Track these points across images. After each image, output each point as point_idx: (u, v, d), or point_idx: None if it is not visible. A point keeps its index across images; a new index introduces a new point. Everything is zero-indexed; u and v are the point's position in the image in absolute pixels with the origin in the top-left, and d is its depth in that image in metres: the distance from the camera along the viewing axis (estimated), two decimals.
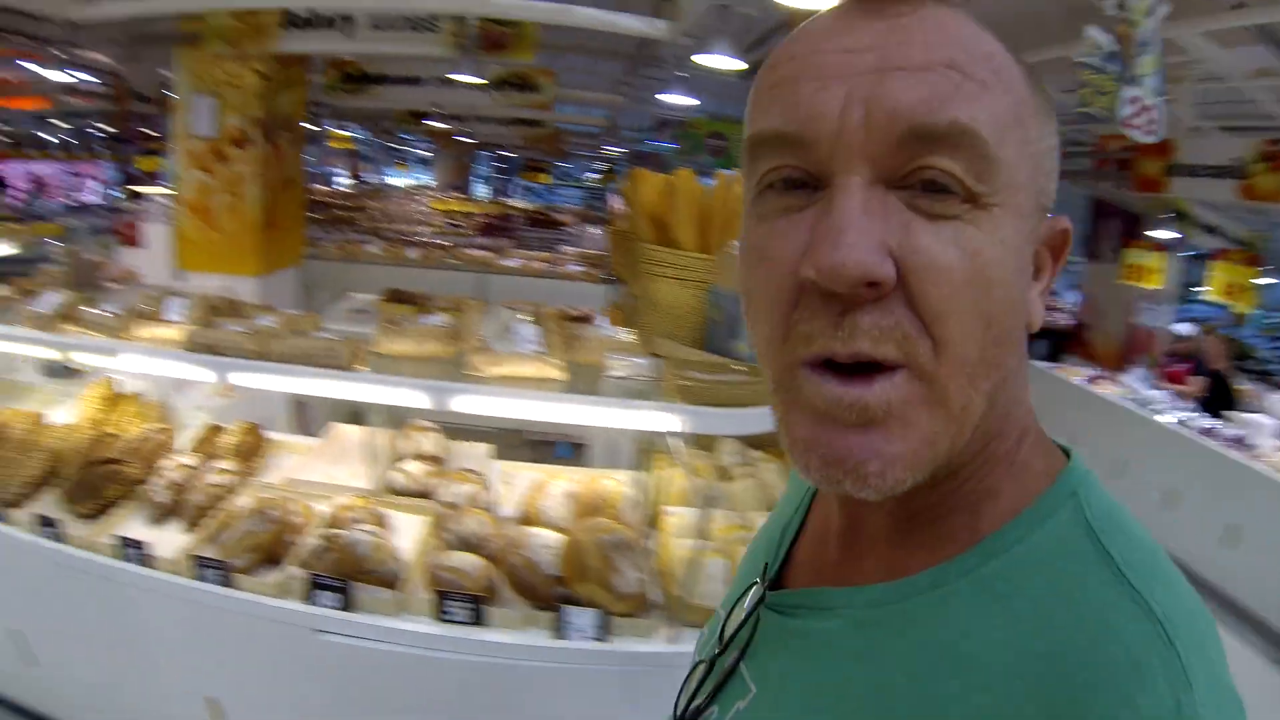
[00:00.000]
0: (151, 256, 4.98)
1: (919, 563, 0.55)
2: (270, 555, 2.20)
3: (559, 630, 2.00)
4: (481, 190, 19.58)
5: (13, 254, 5.16)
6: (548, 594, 2.06)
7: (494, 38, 4.68)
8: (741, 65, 4.03)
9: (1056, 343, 8.42)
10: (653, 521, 2.54)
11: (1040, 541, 0.52)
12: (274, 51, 4.71)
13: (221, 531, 2.25)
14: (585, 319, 4.70)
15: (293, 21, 4.61)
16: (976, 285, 0.48)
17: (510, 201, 12.30)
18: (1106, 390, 6.19)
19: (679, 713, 0.71)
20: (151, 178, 10.56)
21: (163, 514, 2.40)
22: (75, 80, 7.62)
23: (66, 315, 2.63)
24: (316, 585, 2.04)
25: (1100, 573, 0.49)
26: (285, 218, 5.25)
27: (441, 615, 2.01)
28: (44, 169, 13.67)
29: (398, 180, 19.14)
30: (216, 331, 2.39)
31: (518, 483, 2.74)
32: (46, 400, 3.26)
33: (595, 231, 10.42)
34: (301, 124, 5.42)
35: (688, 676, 0.72)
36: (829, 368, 0.49)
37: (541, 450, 4.71)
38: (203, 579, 2.11)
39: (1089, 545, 0.50)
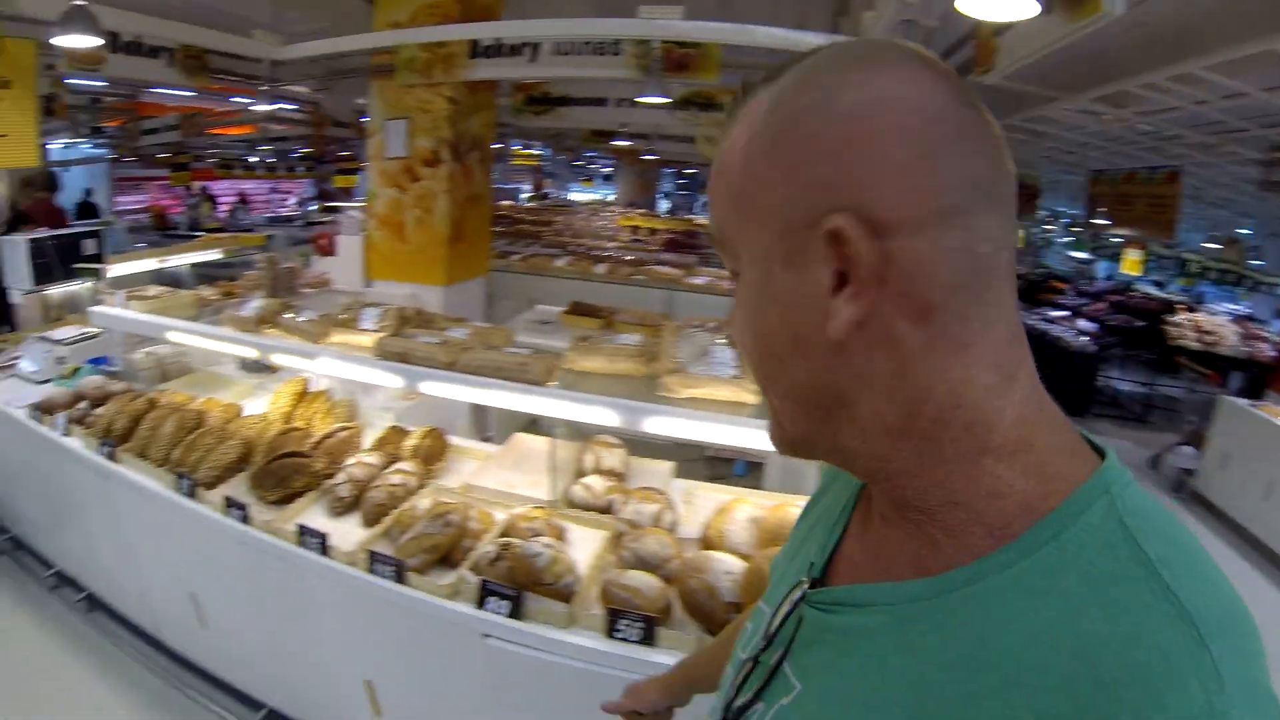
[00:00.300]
0: (343, 265, 5.37)
1: (940, 561, 0.58)
2: (445, 557, 2.27)
3: None
4: (663, 206, 19.86)
5: (220, 260, 5.62)
6: (724, 620, 2.00)
7: (677, 59, 4.70)
8: None
9: (1257, 376, 7.17)
10: None
11: (1073, 538, 0.53)
12: (462, 79, 4.93)
13: (398, 530, 2.36)
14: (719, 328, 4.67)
15: (481, 51, 4.80)
16: (738, 329, 0.65)
17: (695, 219, 12.26)
18: None
19: (725, 711, 0.76)
20: (345, 194, 11.40)
21: (343, 508, 2.55)
22: (278, 109, 8.26)
23: (264, 319, 2.83)
24: (489, 592, 2.07)
25: (1134, 571, 0.50)
26: (471, 232, 5.47)
27: (613, 633, 1.99)
28: (248, 186, 15.07)
29: (580, 196, 19.86)
30: (408, 341, 2.50)
31: (698, 503, 2.70)
32: (243, 393, 3.58)
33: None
34: (489, 144, 5.62)
35: (735, 674, 0.77)
36: None
37: (719, 467, 4.69)
38: (376, 573, 2.21)
39: (1123, 543, 0.51)
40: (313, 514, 2.55)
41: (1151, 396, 8.78)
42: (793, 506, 2.49)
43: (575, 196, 19.53)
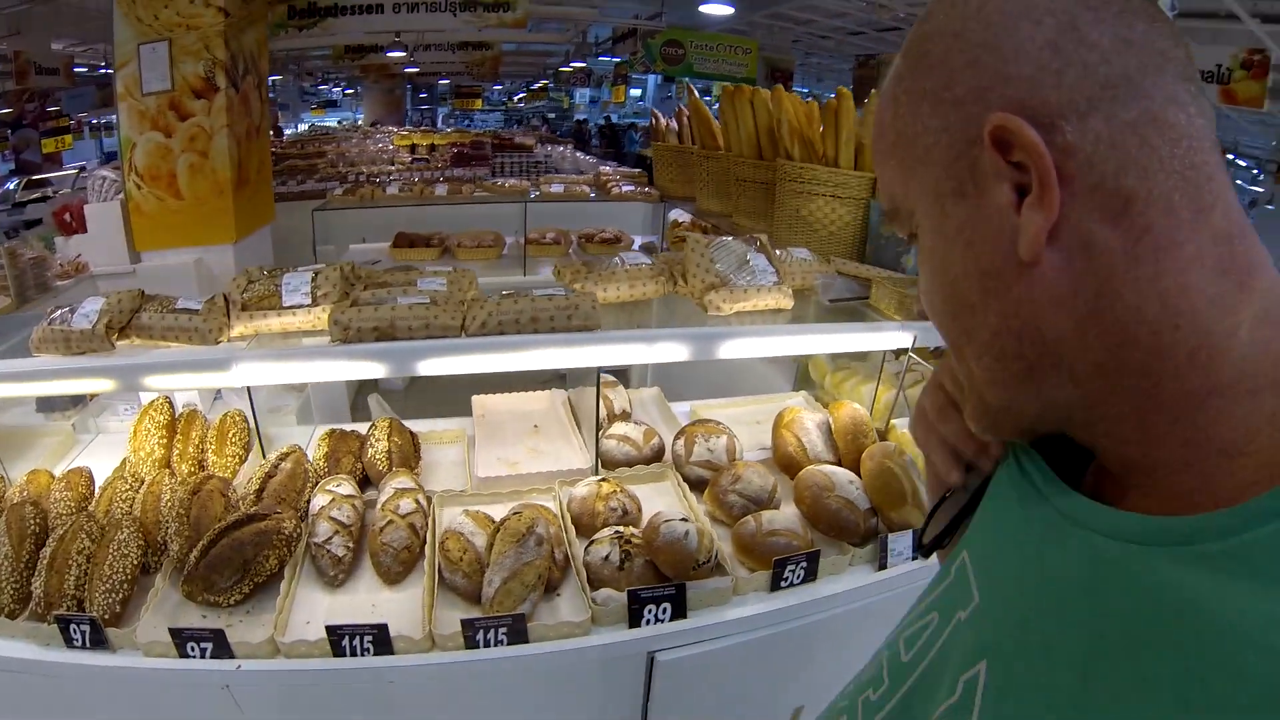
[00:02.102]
0: (98, 242, 4.20)
1: (1159, 505, 0.49)
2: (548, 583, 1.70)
3: (881, 562, 1.88)
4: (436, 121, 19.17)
5: None
6: (868, 529, 1.92)
7: None
8: None
9: None
10: (885, 436, 2.32)
11: None
12: None
13: (452, 571, 1.69)
14: (617, 240, 4.25)
15: None
16: (925, 291, 0.61)
17: (473, 131, 11.86)
18: None
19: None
20: (55, 163, 9.31)
21: (344, 572, 1.76)
22: None
23: (113, 327, 1.88)
24: (643, 602, 1.64)
25: None
26: (254, 172, 4.49)
27: (779, 585, 1.78)
28: None
29: (320, 123, 18.31)
30: (384, 308, 1.74)
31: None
32: (63, 447, 2.47)
33: (563, 151, 9.98)
34: (265, 64, 4.66)
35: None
36: None
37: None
38: (477, 644, 1.56)
39: None
40: (306, 598, 1.73)
41: None
42: (848, 404, 2.33)
43: (302, 127, 17.81)
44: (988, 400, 0.59)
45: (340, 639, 1.53)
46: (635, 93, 20.43)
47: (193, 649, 1.55)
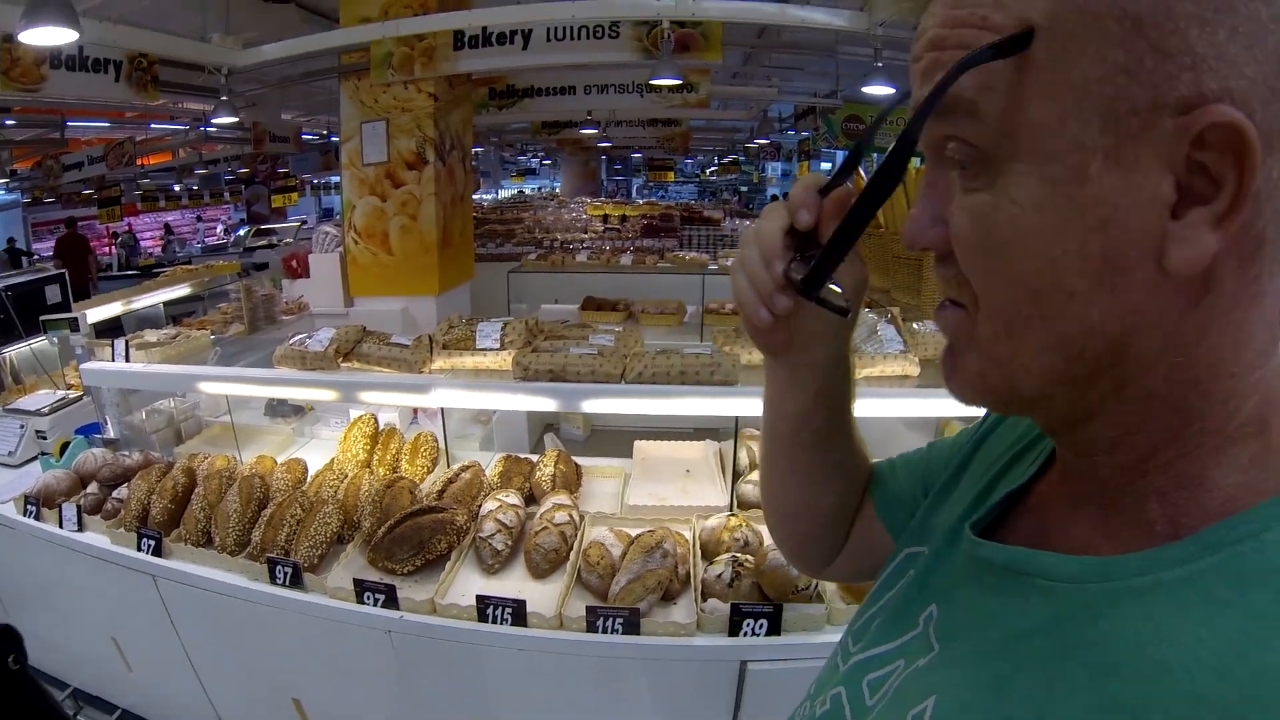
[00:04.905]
0: (319, 286, 4.95)
1: (1111, 546, 0.50)
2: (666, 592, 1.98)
3: None
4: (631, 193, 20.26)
5: (181, 296, 5.05)
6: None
7: (680, 39, 4.42)
8: None
9: None
10: None
11: (1276, 543, 0.42)
12: (447, 73, 4.53)
13: (589, 572, 2.00)
14: None
15: (466, 42, 4.41)
16: (990, 250, 0.48)
17: (665, 204, 12.44)
18: None
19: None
20: (279, 215, 10.66)
21: (500, 563, 2.13)
22: (216, 128, 7.72)
23: (340, 351, 2.38)
24: (744, 615, 1.86)
25: None
26: (457, 235, 5.12)
27: None
28: (171, 218, 13.98)
29: (507, 191, 19.60)
30: (558, 356, 2.12)
31: None
32: (283, 444, 3.06)
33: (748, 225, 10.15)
34: (469, 141, 5.29)
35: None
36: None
37: None
38: (599, 630, 1.86)
39: None
40: (464, 578, 2.12)
41: None
42: None
43: (504, 193, 19.21)
44: (1021, 388, 0.51)
45: (486, 607, 1.90)
46: (825, 166, 20.59)
47: (368, 598, 2.00)
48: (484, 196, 16.08)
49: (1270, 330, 0.46)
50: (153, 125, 8.25)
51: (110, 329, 4.08)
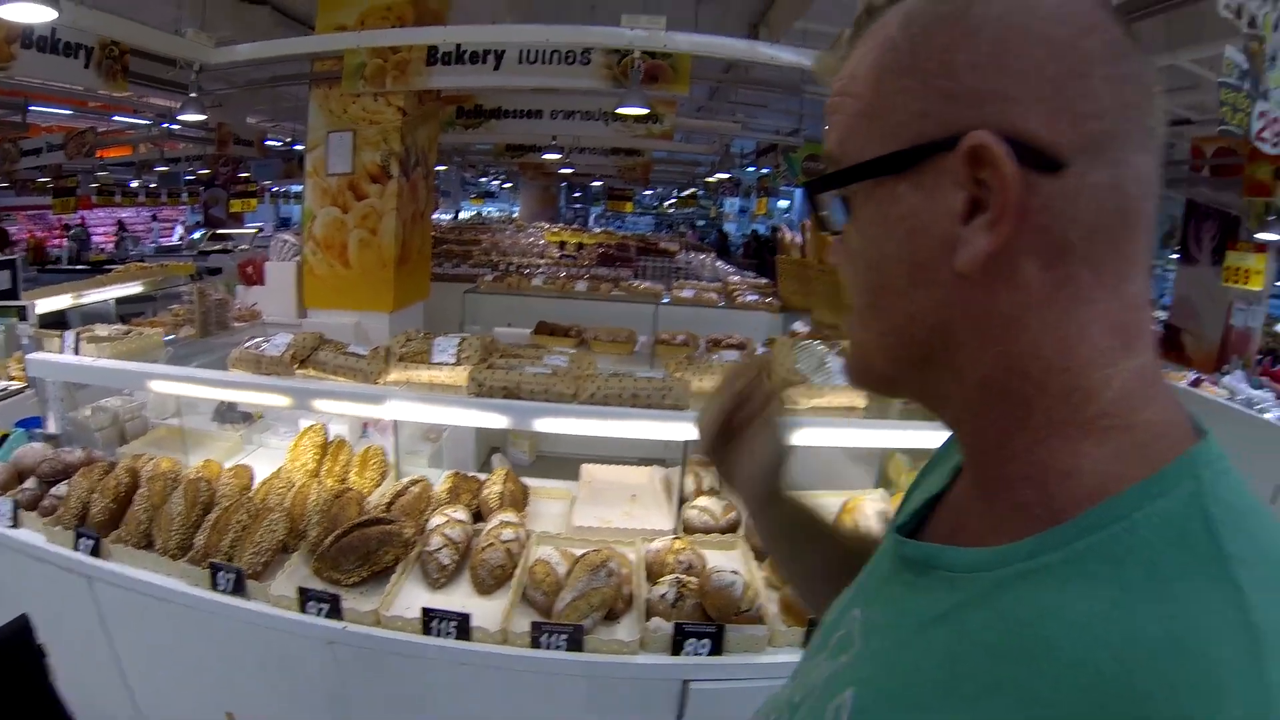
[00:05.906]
0: (273, 295, 4.91)
1: (997, 536, 0.53)
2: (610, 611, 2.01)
3: None
4: (581, 221, 20.33)
5: (134, 294, 4.97)
6: None
7: (649, 70, 4.50)
8: None
9: None
10: None
11: (1144, 522, 0.47)
12: (419, 88, 4.56)
13: (535, 590, 2.03)
14: (742, 346, 4.56)
15: (439, 58, 4.45)
16: (848, 259, 0.61)
17: (622, 233, 12.60)
18: (1209, 393, 5.76)
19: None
20: (237, 220, 10.50)
21: (446, 578, 2.14)
22: (180, 126, 7.60)
23: (297, 357, 2.38)
24: (686, 635, 1.91)
25: (1205, 569, 0.44)
26: (415, 252, 5.12)
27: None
28: (126, 215, 13.67)
29: (465, 214, 19.53)
30: (513, 373, 2.14)
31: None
32: (230, 450, 3.02)
33: (704, 259, 10.29)
34: (433, 158, 5.30)
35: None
36: None
37: None
38: (543, 646, 1.89)
39: (1201, 536, 0.46)
40: (409, 591, 2.12)
41: None
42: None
43: (464, 214, 19.21)
44: (875, 366, 0.62)
45: (430, 620, 1.92)
46: (783, 204, 20.64)
47: (312, 607, 1.99)
48: (443, 216, 16.08)
49: (1116, 334, 0.52)
50: (115, 117, 8.12)
51: (55, 323, 3.99)
